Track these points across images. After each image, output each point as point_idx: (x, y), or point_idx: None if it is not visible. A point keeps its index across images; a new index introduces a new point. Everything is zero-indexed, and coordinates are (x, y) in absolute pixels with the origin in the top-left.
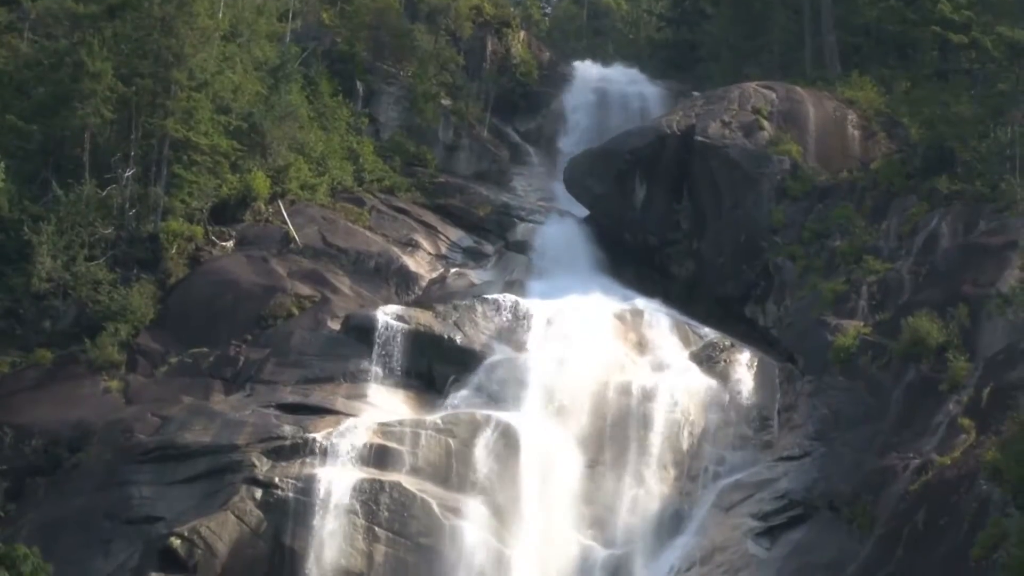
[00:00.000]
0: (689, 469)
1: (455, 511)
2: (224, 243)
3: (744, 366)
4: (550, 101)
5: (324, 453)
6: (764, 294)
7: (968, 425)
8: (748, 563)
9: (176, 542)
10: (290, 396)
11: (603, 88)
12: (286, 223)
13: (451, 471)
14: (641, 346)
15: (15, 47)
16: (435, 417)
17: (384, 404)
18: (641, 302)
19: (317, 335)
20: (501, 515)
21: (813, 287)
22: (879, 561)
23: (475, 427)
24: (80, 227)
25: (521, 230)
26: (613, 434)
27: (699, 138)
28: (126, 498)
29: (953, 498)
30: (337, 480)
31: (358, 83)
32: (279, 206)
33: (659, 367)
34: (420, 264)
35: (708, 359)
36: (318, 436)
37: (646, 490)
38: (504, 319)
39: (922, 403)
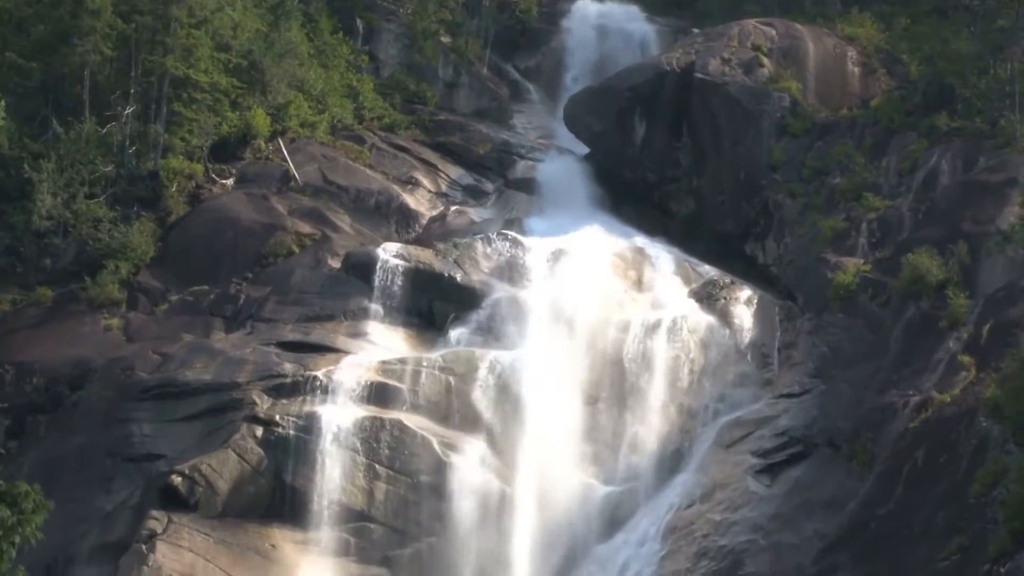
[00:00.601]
0: (689, 407)
1: (455, 449)
2: (224, 181)
3: (744, 304)
4: (550, 39)
5: (325, 391)
6: (764, 232)
7: (968, 362)
8: (748, 500)
9: (177, 480)
10: (291, 334)
11: (602, 25)
12: (286, 161)
13: (451, 409)
14: (641, 284)
15: None
16: (435, 355)
17: (384, 342)
18: (641, 240)
19: (317, 273)
20: (501, 453)
21: (813, 225)
22: (878, 498)
23: (475, 365)
24: (80, 165)
25: (521, 168)
26: (613, 372)
27: (699, 75)
28: (127, 436)
29: (952, 435)
30: (338, 418)
31: (358, 20)
32: (279, 144)
33: (659, 305)
34: (420, 202)
35: (708, 297)
36: (319, 374)
37: (646, 428)
38: (504, 257)
39: (922, 340)
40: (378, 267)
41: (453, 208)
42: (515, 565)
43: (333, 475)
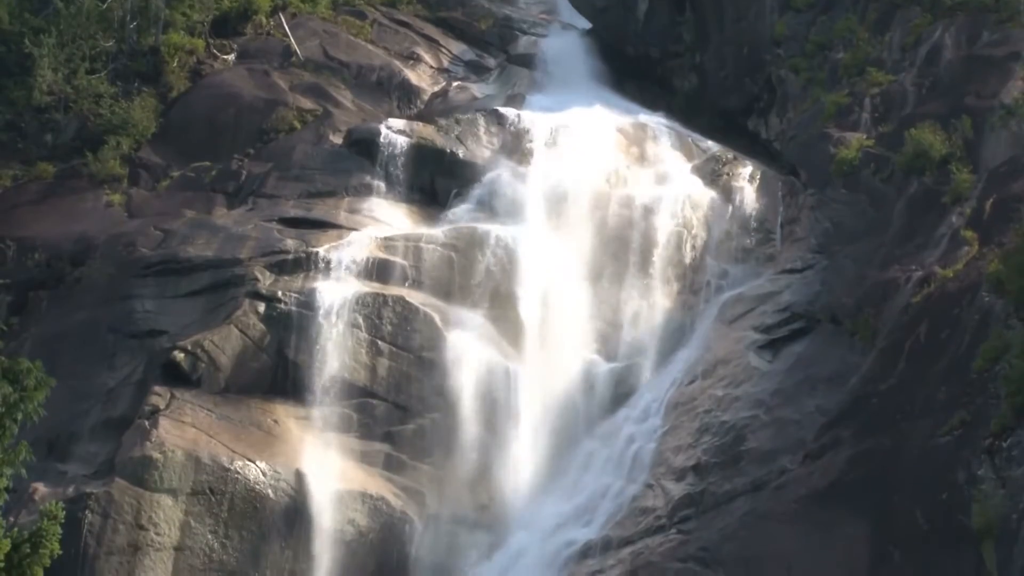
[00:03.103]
0: (692, 282)
1: (457, 325)
2: (225, 57)
3: (747, 179)
4: None
5: (327, 267)
6: (767, 107)
7: (971, 237)
8: (750, 375)
9: (180, 356)
10: (292, 210)
11: None
12: (287, 36)
13: (453, 285)
14: (644, 159)
15: None
16: (437, 231)
17: (386, 218)
18: (644, 116)
19: (319, 149)
20: (503, 329)
21: (816, 100)
22: (880, 373)
23: (477, 241)
24: (81, 40)
25: (523, 43)
26: (615, 248)
27: None
28: (129, 312)
29: (955, 310)
30: (340, 294)
31: None
32: (280, 19)
33: (662, 180)
34: (422, 78)
35: (711, 172)
36: (321, 250)
37: (648, 304)
38: (506, 133)
39: (925, 215)
40: (380, 143)
41: (455, 84)
42: (517, 441)
43: (335, 351)
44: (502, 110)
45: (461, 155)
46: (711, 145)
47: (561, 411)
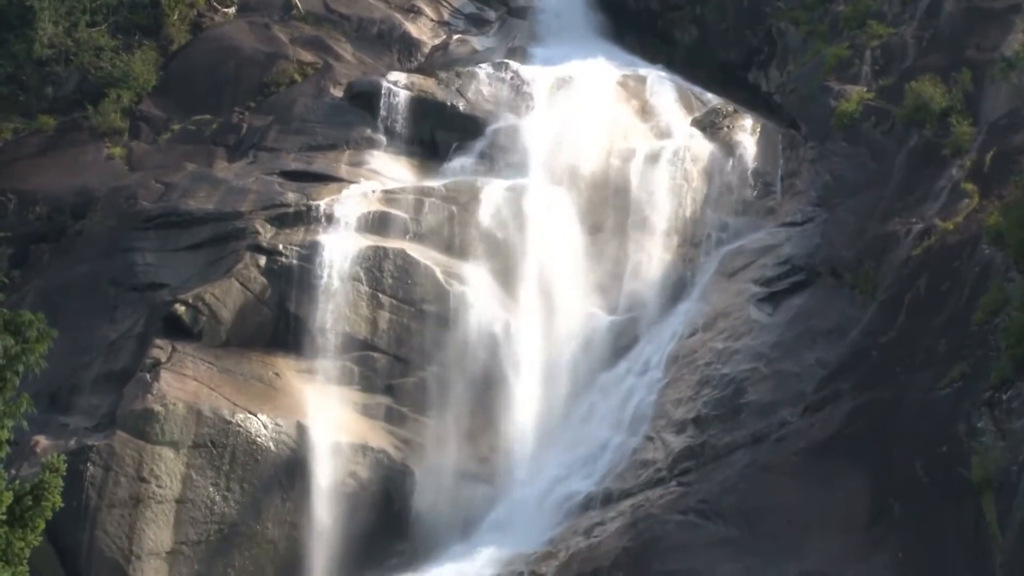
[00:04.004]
0: (692, 235)
1: (458, 278)
2: (226, 9)
3: (747, 132)
4: None
5: (328, 220)
6: (767, 60)
7: (971, 190)
8: (750, 328)
9: (181, 309)
10: (293, 163)
11: None
12: None
13: (454, 238)
14: (644, 112)
15: None
16: (438, 184)
17: (387, 171)
18: (644, 68)
19: (320, 102)
20: (504, 281)
21: (816, 52)
22: (880, 326)
23: (478, 194)
24: None
25: None
26: (616, 201)
27: None
28: (130, 265)
29: (955, 263)
30: (341, 247)
31: None
32: None
33: (662, 133)
34: (422, 31)
35: (711, 125)
36: (322, 203)
37: (649, 257)
38: (507, 86)
39: (925, 168)
40: (381, 96)
41: (455, 37)
42: (518, 394)
43: (336, 304)
44: (503, 63)
45: (462, 108)
46: (711, 98)
47: (561, 363)
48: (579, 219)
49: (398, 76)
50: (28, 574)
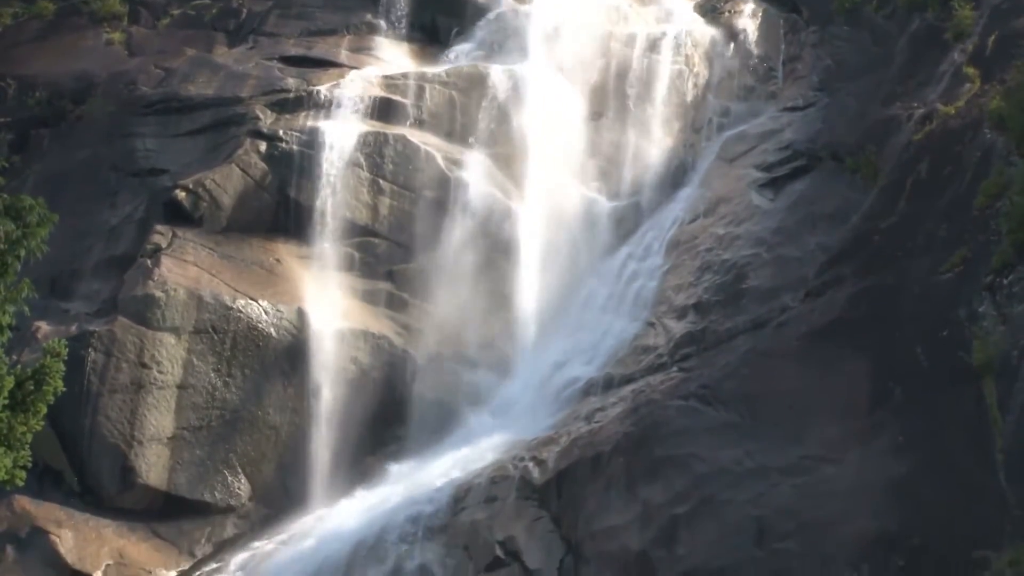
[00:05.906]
0: (693, 120)
1: (459, 163)
2: None
3: (748, 16)
4: None
5: (328, 106)
6: None
7: (973, 74)
8: (752, 214)
9: (181, 194)
10: (293, 49)
11: None
12: None
13: (455, 124)
14: None
15: None
16: (439, 70)
17: (388, 57)
18: None
19: None
20: (505, 168)
21: None
22: (882, 211)
23: (479, 80)
24: None
25: None
26: (617, 86)
27: None
28: (130, 150)
29: (957, 147)
30: (341, 133)
31: None
32: None
33: (663, 18)
34: None
35: (712, 10)
36: (322, 88)
37: (650, 142)
38: None
39: (927, 52)
40: None
41: None
42: (519, 280)
43: (337, 190)
44: None
45: None
46: None
47: (563, 249)
48: (580, 105)
49: None
50: (30, 458)
